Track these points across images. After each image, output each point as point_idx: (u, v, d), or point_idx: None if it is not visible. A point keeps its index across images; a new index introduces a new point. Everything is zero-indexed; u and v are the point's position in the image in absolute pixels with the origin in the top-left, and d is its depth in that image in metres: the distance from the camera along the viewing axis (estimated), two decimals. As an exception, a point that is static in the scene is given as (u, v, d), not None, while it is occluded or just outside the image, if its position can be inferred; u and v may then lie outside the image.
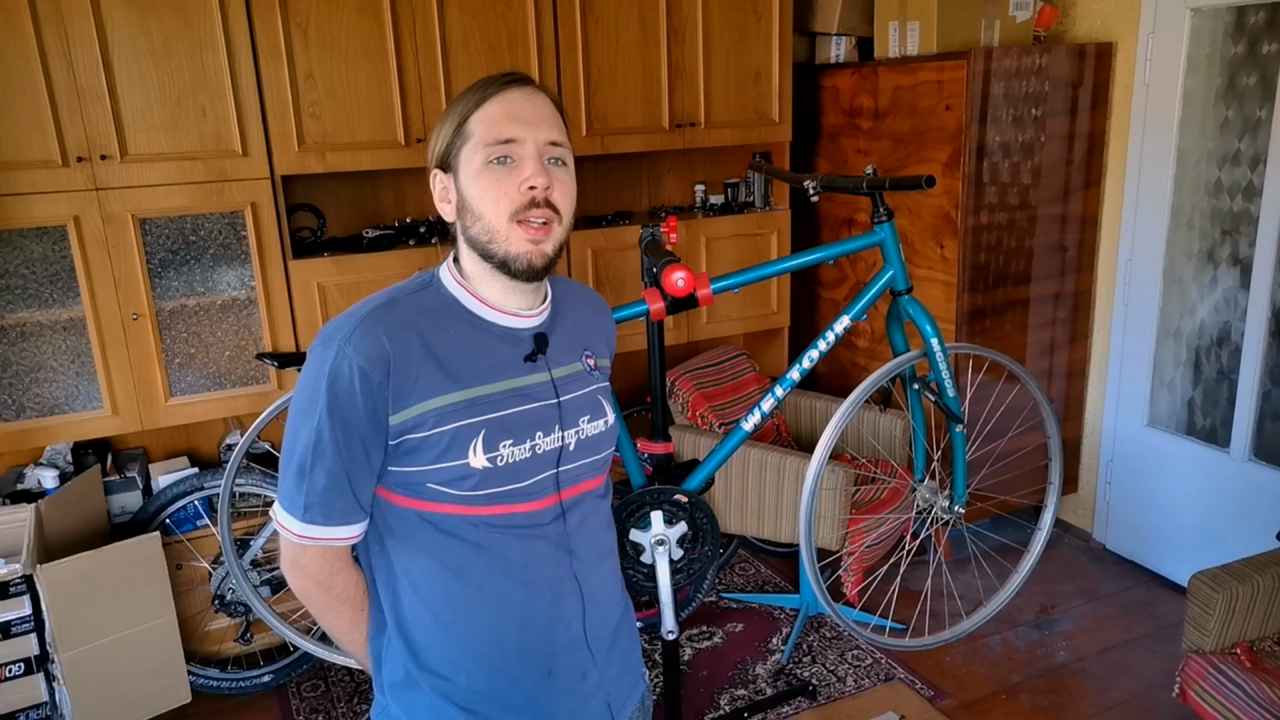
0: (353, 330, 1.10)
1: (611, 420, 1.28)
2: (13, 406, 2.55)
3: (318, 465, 1.10)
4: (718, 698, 2.71)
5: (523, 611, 1.19)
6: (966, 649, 2.91)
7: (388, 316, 1.13)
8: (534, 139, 1.13)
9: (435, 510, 1.15)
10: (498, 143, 1.12)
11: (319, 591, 1.20)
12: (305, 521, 1.13)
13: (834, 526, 2.74)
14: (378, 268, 2.85)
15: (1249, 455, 2.99)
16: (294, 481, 1.12)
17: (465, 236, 1.17)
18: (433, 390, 1.11)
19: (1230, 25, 2.95)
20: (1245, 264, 2.97)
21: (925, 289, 3.17)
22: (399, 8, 2.73)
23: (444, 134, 1.16)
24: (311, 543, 1.15)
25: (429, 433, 1.11)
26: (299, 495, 1.12)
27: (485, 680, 1.19)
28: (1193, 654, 2.24)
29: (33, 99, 2.40)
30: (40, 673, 2.33)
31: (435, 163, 1.18)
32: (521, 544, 1.18)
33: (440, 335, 1.14)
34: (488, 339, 1.17)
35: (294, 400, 1.13)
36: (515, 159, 1.12)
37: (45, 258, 2.51)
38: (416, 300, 1.17)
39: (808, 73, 3.58)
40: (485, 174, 1.12)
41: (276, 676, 2.80)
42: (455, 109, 1.15)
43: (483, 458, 1.12)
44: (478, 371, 1.15)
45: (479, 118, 1.13)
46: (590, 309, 1.34)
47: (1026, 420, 2.96)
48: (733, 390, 3.31)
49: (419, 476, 1.13)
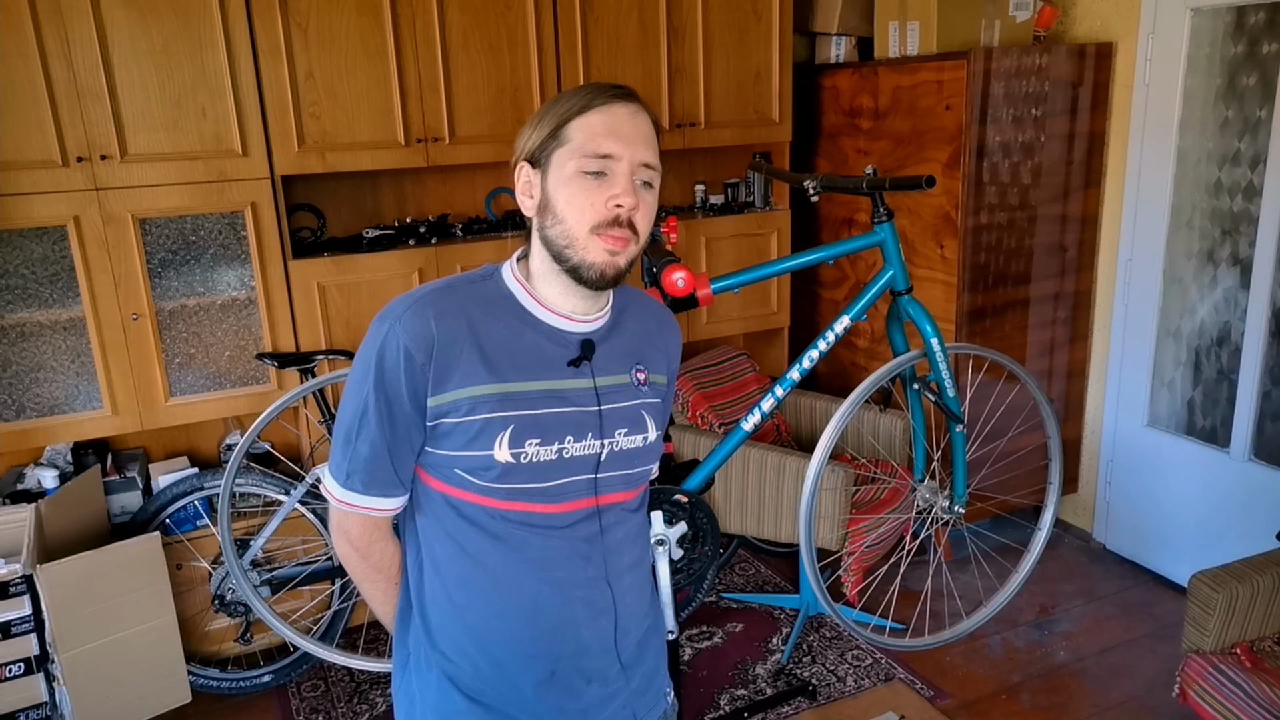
0: (405, 310, 1.13)
1: (653, 438, 1.26)
2: (13, 406, 2.55)
3: (362, 435, 1.15)
4: (718, 698, 2.71)
5: (534, 605, 1.19)
6: (966, 649, 2.91)
7: (441, 301, 1.15)
8: (630, 158, 1.13)
9: (460, 496, 1.17)
10: (595, 155, 1.12)
11: (357, 558, 1.25)
12: (346, 488, 1.18)
13: (834, 526, 2.74)
14: (378, 268, 2.85)
15: (1249, 455, 2.99)
16: (340, 448, 1.17)
17: (541, 235, 1.17)
18: (470, 378, 1.13)
19: (1230, 25, 2.95)
20: (1245, 264, 2.97)
21: (925, 289, 3.17)
22: (399, 8, 2.73)
23: (540, 130, 1.16)
24: (350, 509, 1.20)
25: (461, 419, 1.13)
26: (343, 461, 1.17)
27: (488, 669, 1.20)
28: (1193, 654, 2.24)
29: (33, 99, 2.40)
30: (40, 673, 2.33)
31: (524, 155, 1.18)
32: (539, 540, 1.18)
33: (490, 326, 1.16)
34: (536, 337, 1.18)
35: (351, 372, 1.17)
36: (608, 174, 1.13)
37: (45, 258, 2.51)
38: (474, 289, 1.19)
39: (808, 73, 3.58)
40: (576, 182, 1.13)
41: (276, 676, 2.80)
42: (557, 108, 1.15)
43: (507, 452, 1.13)
44: (518, 367, 1.16)
45: (580, 124, 1.13)
46: (655, 323, 1.32)
47: (1026, 420, 2.96)
48: (733, 390, 3.31)
49: (449, 460, 1.15)
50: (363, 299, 2.82)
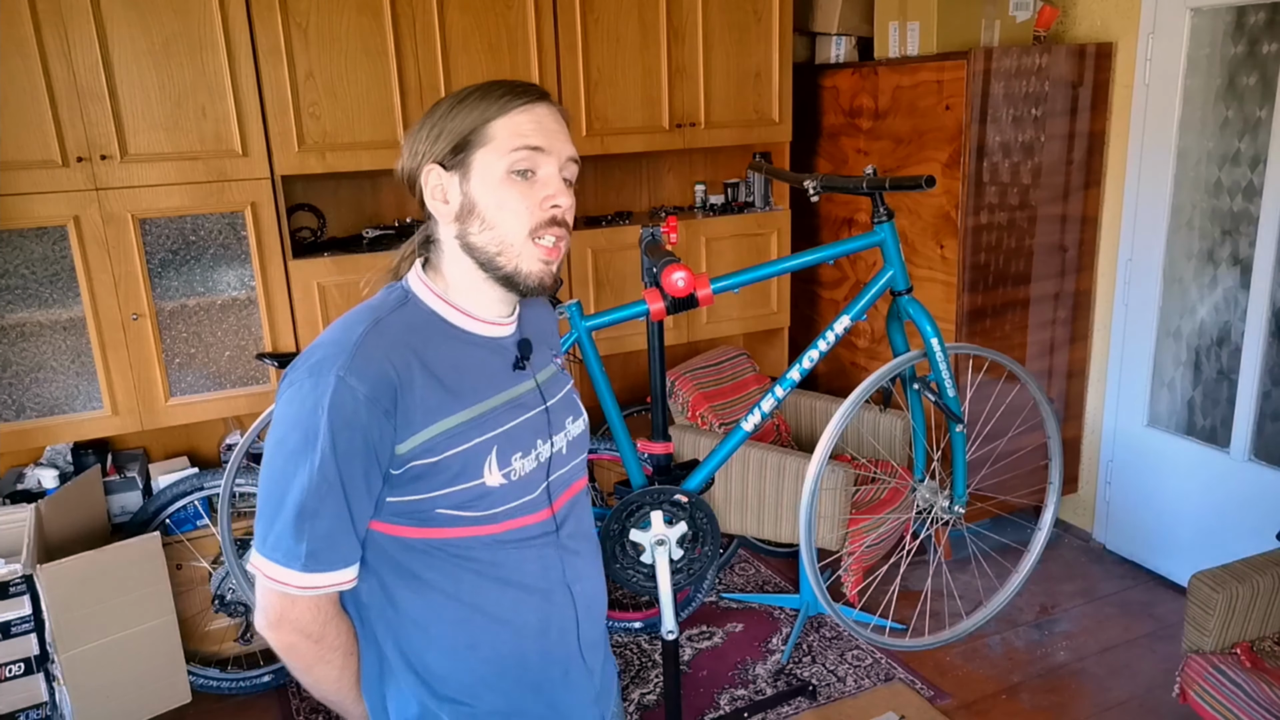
0: (350, 358, 1.03)
1: (585, 416, 1.28)
2: (13, 406, 2.55)
3: (322, 509, 1.03)
4: (718, 698, 2.71)
5: (541, 620, 1.18)
6: (966, 649, 2.91)
7: (383, 339, 1.06)
8: (559, 156, 1.11)
9: (446, 535, 1.10)
10: (526, 151, 1.08)
11: (309, 644, 1.11)
12: (307, 571, 1.04)
13: (834, 526, 2.74)
14: (378, 268, 2.84)
15: (1249, 455, 2.99)
16: (291, 531, 1.03)
17: (463, 243, 1.11)
18: (439, 412, 1.07)
19: (1230, 25, 2.95)
20: (1245, 264, 2.97)
21: (925, 289, 3.17)
22: (399, 8, 2.73)
23: (451, 131, 1.09)
24: (312, 592, 1.06)
25: (440, 457, 1.06)
26: (298, 544, 1.03)
27: (509, 695, 1.18)
28: (1193, 654, 2.24)
29: (33, 99, 2.40)
30: (40, 673, 2.33)
31: (433, 158, 1.10)
32: (533, 553, 1.17)
33: (435, 353, 1.09)
34: (476, 352, 1.14)
35: (278, 443, 1.04)
36: (538, 173, 1.10)
37: (45, 258, 2.51)
38: (400, 318, 1.11)
39: (808, 73, 3.58)
40: (507, 184, 1.09)
41: (276, 676, 2.80)
42: (468, 108, 1.09)
43: (498, 475, 1.10)
44: (476, 387, 1.11)
45: (505, 124, 1.09)
46: (541, 307, 1.31)
47: (1026, 420, 2.96)
48: (733, 390, 3.31)
49: (428, 503, 1.08)
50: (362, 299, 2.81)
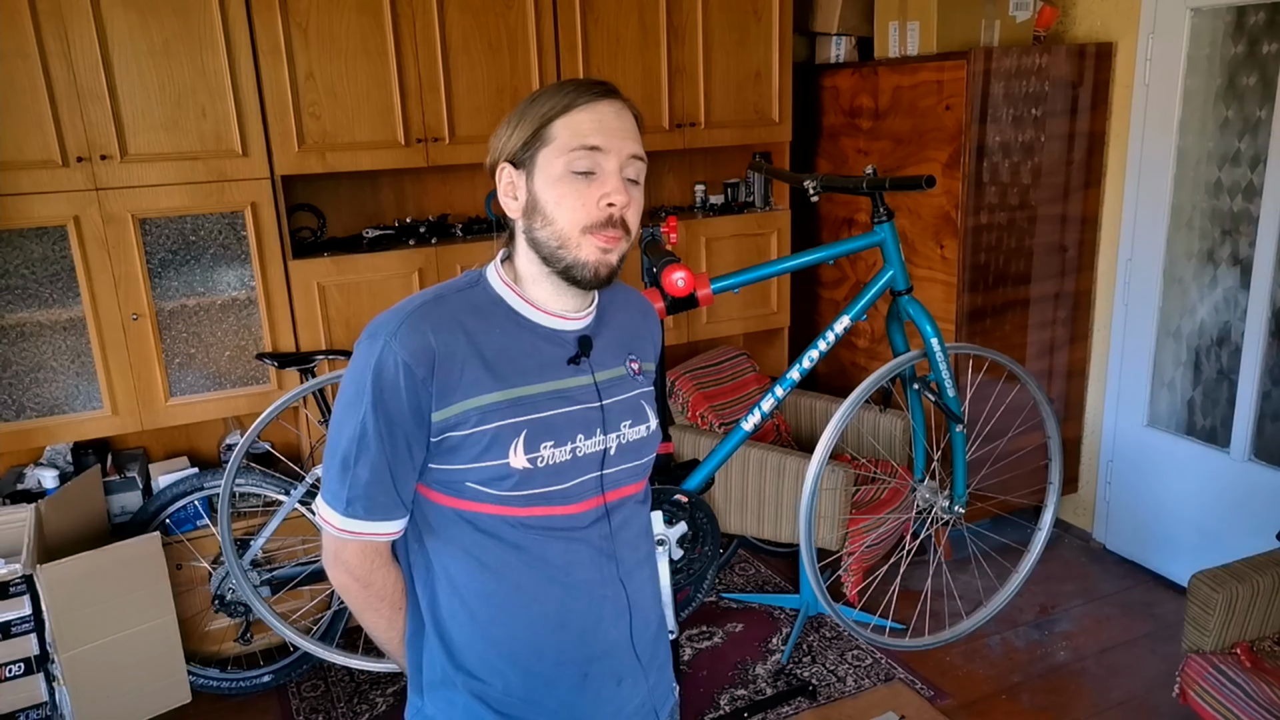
0: (399, 325, 1.09)
1: (654, 425, 1.27)
2: (13, 406, 2.55)
3: (361, 459, 1.10)
4: (718, 698, 2.71)
5: (560, 613, 1.19)
6: (966, 649, 2.91)
7: (434, 312, 1.12)
8: (619, 154, 1.12)
9: (474, 509, 1.15)
10: (584, 151, 1.10)
11: (358, 587, 1.20)
12: (347, 516, 1.13)
13: (834, 526, 2.74)
14: (378, 268, 2.84)
15: (1249, 455, 2.99)
16: (337, 475, 1.13)
17: (529, 238, 1.15)
18: (476, 388, 1.11)
19: (1230, 25, 2.95)
20: (1245, 264, 2.97)
21: (925, 289, 3.17)
22: (399, 8, 2.73)
23: (521, 129, 1.13)
24: (353, 537, 1.15)
25: (470, 431, 1.10)
26: (342, 489, 1.12)
27: (520, 682, 1.19)
28: (1193, 654, 2.24)
29: (33, 99, 2.40)
30: (40, 673, 2.33)
31: (505, 156, 1.15)
32: (560, 545, 1.17)
33: (486, 334, 1.14)
34: (533, 340, 1.17)
35: (339, 394, 1.13)
36: (597, 173, 1.11)
37: (45, 258, 2.51)
38: (463, 298, 1.16)
39: (808, 73, 3.58)
40: (565, 182, 1.11)
41: (276, 676, 2.80)
42: (537, 107, 1.13)
43: (523, 458, 1.12)
44: (522, 371, 1.14)
45: (566, 123, 1.11)
46: (638, 313, 1.32)
47: (1026, 420, 2.96)
48: (733, 390, 3.32)
49: (459, 475, 1.13)
50: (363, 299, 2.82)
